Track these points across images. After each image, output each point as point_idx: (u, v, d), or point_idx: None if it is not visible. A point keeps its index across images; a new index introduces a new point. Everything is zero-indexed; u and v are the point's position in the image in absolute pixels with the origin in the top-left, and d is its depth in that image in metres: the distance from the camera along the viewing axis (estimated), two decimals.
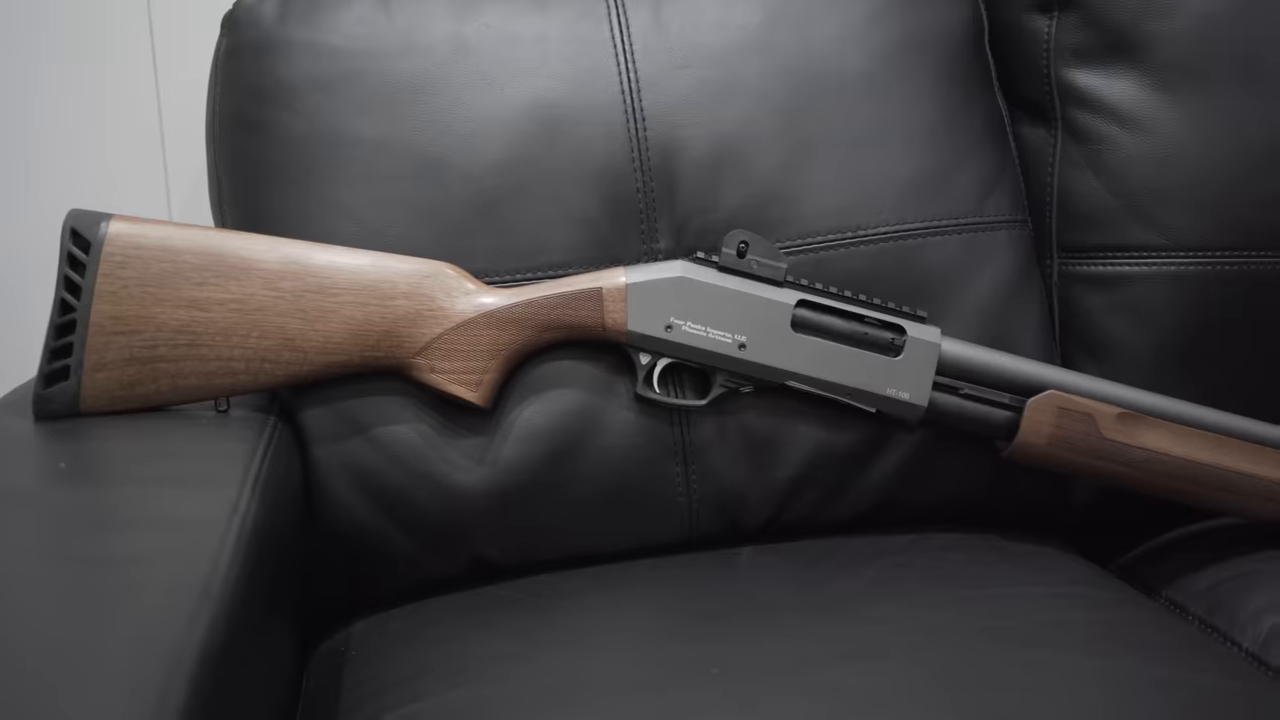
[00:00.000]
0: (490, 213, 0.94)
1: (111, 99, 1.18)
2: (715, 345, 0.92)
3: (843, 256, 0.97)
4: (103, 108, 1.18)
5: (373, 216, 0.93)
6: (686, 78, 0.98)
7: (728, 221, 0.96)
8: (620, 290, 0.91)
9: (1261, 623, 0.89)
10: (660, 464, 0.95)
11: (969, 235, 1.00)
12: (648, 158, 0.96)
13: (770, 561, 0.94)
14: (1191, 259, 1.02)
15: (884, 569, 0.91)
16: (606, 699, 0.74)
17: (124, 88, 1.18)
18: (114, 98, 1.18)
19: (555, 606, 0.90)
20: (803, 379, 0.93)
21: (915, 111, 1.01)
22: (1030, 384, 0.94)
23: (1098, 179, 1.03)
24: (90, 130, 1.18)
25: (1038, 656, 0.76)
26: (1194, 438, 0.95)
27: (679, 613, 0.87)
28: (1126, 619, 0.85)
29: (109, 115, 1.18)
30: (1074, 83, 1.04)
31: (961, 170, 1.01)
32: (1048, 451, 0.94)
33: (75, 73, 1.17)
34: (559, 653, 0.81)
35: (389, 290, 0.89)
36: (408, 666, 0.83)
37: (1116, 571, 1.06)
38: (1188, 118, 1.01)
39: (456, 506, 0.92)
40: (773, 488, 0.97)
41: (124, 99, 1.18)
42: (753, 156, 0.97)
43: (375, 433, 0.92)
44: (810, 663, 0.75)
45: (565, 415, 0.94)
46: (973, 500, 1.01)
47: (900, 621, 0.81)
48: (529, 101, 0.96)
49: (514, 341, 0.91)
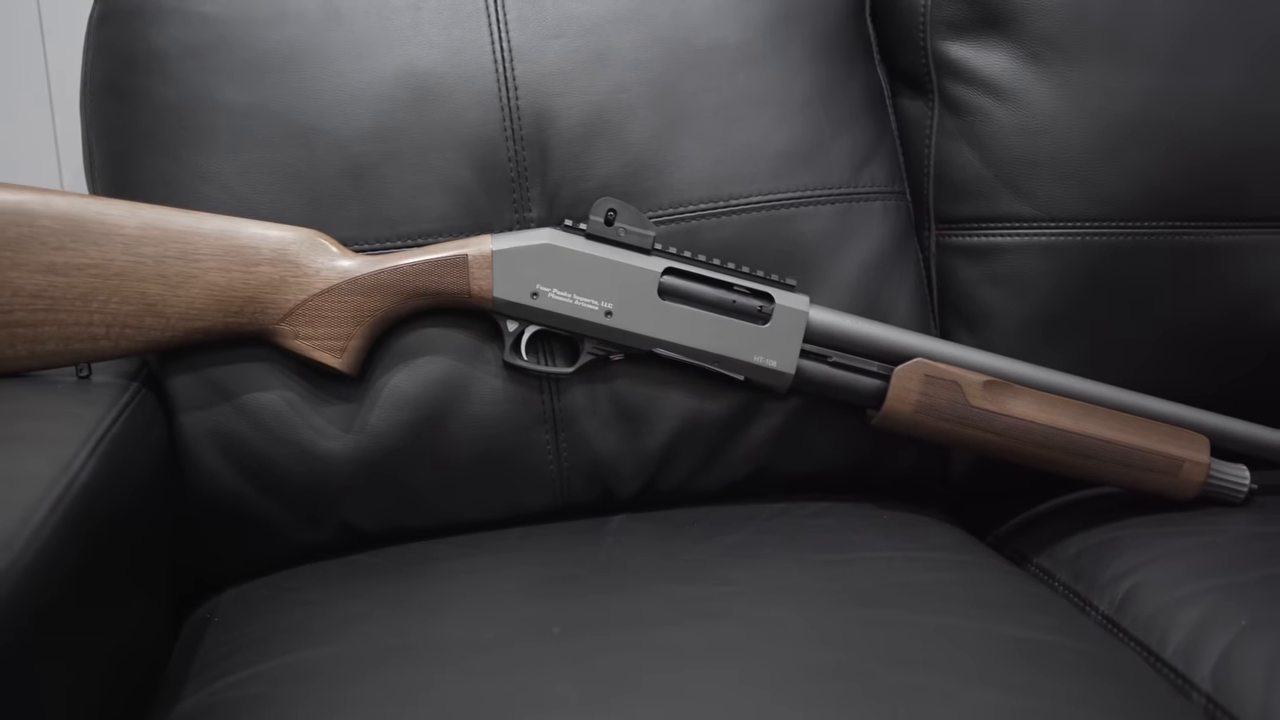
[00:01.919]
0: (360, 180, 0.94)
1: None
2: (581, 312, 0.92)
3: (714, 225, 0.98)
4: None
5: (241, 184, 0.93)
6: (560, 47, 0.98)
7: (600, 190, 0.96)
8: (486, 257, 0.91)
9: (1119, 587, 0.91)
10: (530, 432, 0.95)
11: (843, 205, 1.00)
12: (519, 127, 0.96)
13: (639, 529, 0.94)
14: (1060, 229, 1.03)
15: (749, 535, 0.92)
16: (448, 656, 0.74)
17: (12, 55, 1.17)
18: (2, 65, 1.17)
19: (422, 573, 0.90)
20: (669, 346, 0.93)
21: (791, 82, 1.01)
22: (898, 352, 0.95)
23: (972, 150, 1.04)
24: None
25: (877, 614, 0.76)
26: (1060, 406, 0.96)
27: (539, 578, 0.87)
28: (980, 581, 0.86)
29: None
30: (949, 55, 1.05)
31: (837, 141, 1.02)
32: (915, 419, 0.95)
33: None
34: (412, 615, 0.81)
35: (253, 256, 0.89)
36: (263, 629, 0.83)
37: (993, 541, 1.07)
38: (1058, 90, 1.02)
39: (323, 474, 0.92)
40: (644, 456, 0.97)
41: (12, 66, 1.17)
42: (625, 126, 0.98)
43: (242, 400, 0.92)
44: (651, 621, 0.76)
45: (433, 383, 0.94)
46: (848, 471, 1.02)
47: (750, 583, 0.81)
48: (400, 70, 0.96)
49: (379, 308, 0.91)
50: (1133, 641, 0.86)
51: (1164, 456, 0.96)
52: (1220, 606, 0.83)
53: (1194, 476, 0.97)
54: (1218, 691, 0.78)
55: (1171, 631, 0.84)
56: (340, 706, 0.71)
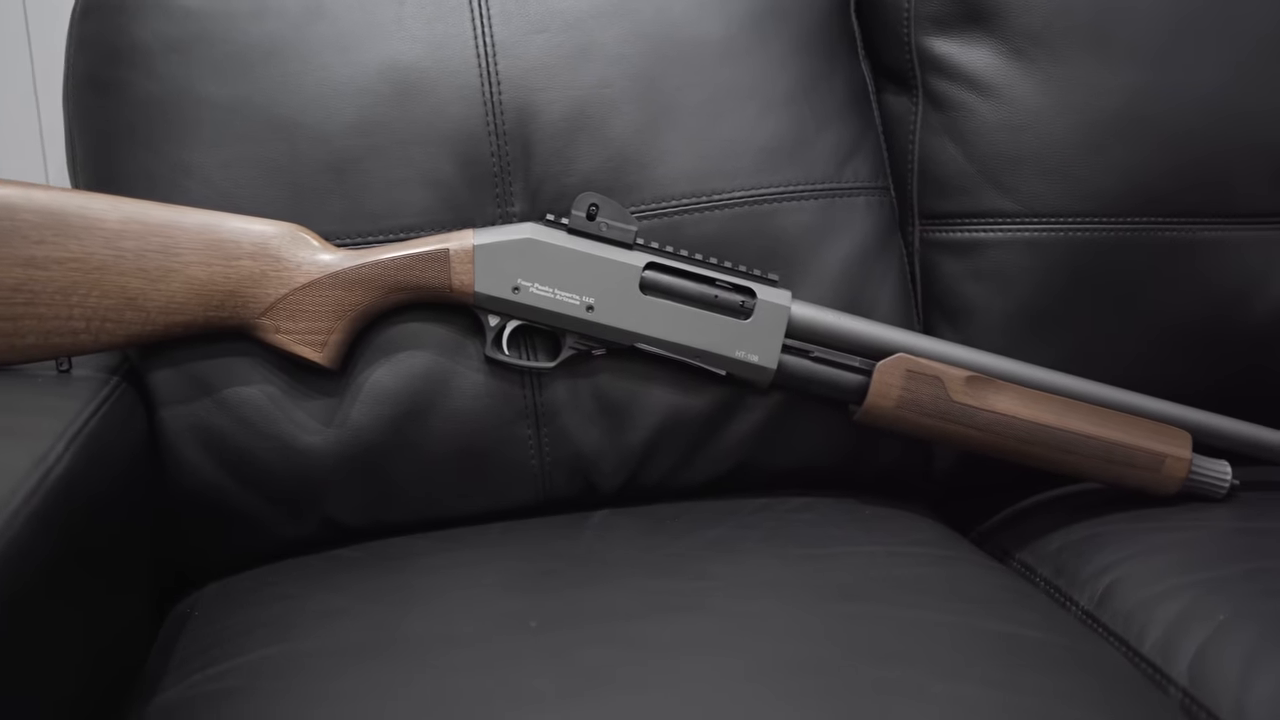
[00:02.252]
0: (342, 175, 0.94)
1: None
2: (563, 307, 0.92)
3: (697, 221, 0.97)
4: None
5: (223, 178, 0.93)
6: (543, 42, 0.98)
7: (582, 185, 0.96)
8: (468, 251, 0.91)
9: (1099, 582, 0.90)
10: (511, 426, 0.95)
11: (825, 200, 1.00)
12: (502, 121, 0.96)
13: (621, 524, 0.94)
14: (1044, 225, 1.03)
15: (730, 530, 0.92)
16: (426, 651, 0.74)
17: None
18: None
19: (403, 567, 0.90)
20: (651, 341, 0.93)
21: (775, 77, 1.01)
22: (880, 347, 0.95)
23: (956, 146, 1.04)
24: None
25: (854, 609, 0.76)
26: (1042, 401, 0.96)
27: (518, 572, 0.87)
28: (961, 576, 0.86)
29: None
30: (933, 51, 1.05)
31: (820, 136, 1.02)
32: (896, 414, 0.95)
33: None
34: (391, 609, 0.81)
35: (233, 250, 0.89)
36: (243, 623, 0.83)
37: (976, 537, 1.07)
38: (1041, 86, 1.02)
39: (304, 468, 0.92)
40: (626, 451, 0.97)
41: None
42: (608, 121, 0.97)
43: (223, 394, 0.92)
44: (626, 615, 0.76)
45: (414, 377, 0.94)
46: (831, 466, 1.02)
47: (728, 578, 0.81)
48: (383, 64, 0.95)
49: (360, 302, 0.91)
50: (1112, 636, 0.86)
51: (1146, 452, 0.96)
52: (1199, 601, 0.83)
53: (1176, 472, 0.97)
54: (1194, 686, 0.78)
55: (1150, 626, 0.84)
56: (319, 700, 0.71)
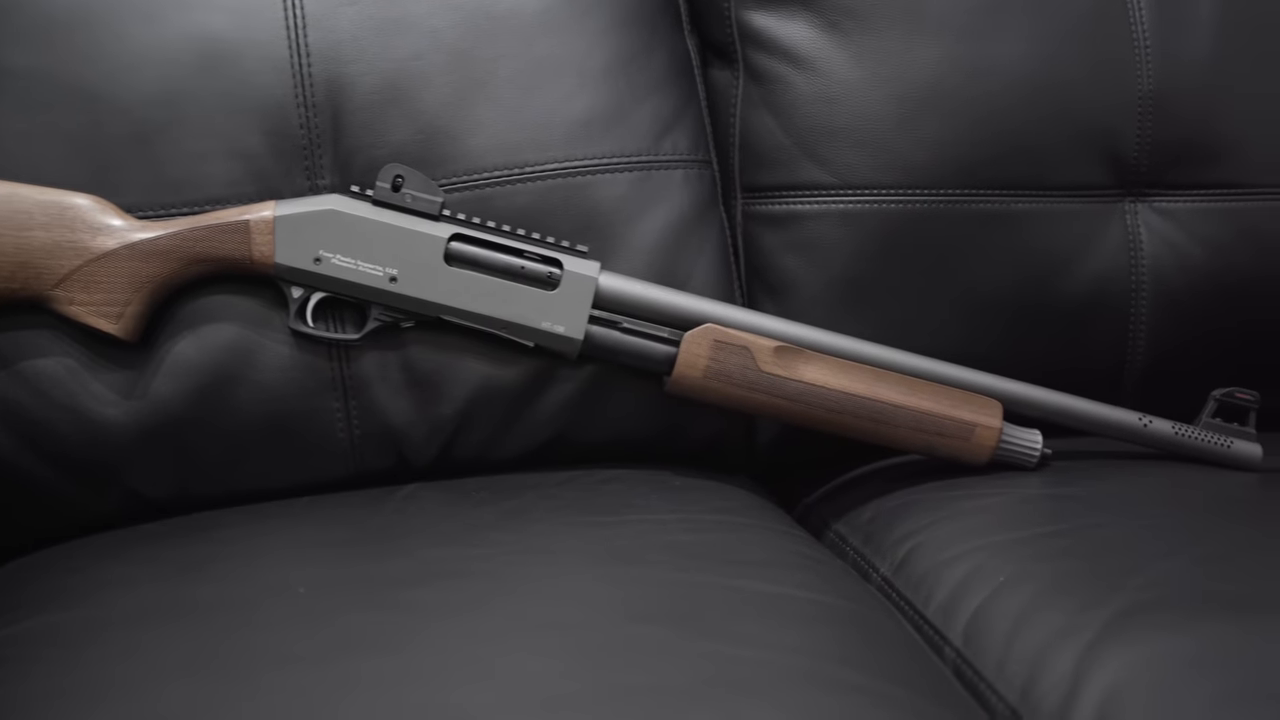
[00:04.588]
0: (145, 146, 0.93)
1: None
2: (366, 278, 0.92)
3: (509, 193, 0.97)
4: None
5: (22, 150, 0.92)
6: (354, 14, 0.97)
7: (392, 157, 0.96)
8: (268, 223, 0.91)
9: (900, 549, 0.91)
10: (318, 399, 0.95)
11: (641, 173, 1.01)
12: (312, 94, 0.96)
13: (426, 496, 0.94)
14: (858, 197, 1.03)
15: (530, 500, 0.91)
16: (197, 616, 0.74)
17: None
18: None
19: (203, 539, 0.89)
20: (455, 313, 0.93)
21: (591, 50, 1.01)
22: (688, 318, 0.95)
23: (774, 119, 1.04)
24: None
25: (622, 572, 0.76)
26: (852, 371, 0.97)
27: (311, 541, 0.86)
28: (749, 541, 0.86)
29: None
30: (753, 24, 1.05)
31: (637, 109, 1.02)
32: (704, 384, 0.95)
33: None
34: (174, 578, 0.81)
35: (24, 221, 0.88)
36: (33, 595, 0.82)
37: (802, 510, 1.08)
38: (855, 59, 1.03)
39: (103, 441, 0.91)
40: (438, 423, 0.97)
41: None
42: (420, 93, 0.97)
43: (19, 366, 0.91)
44: (399, 582, 0.76)
45: (219, 349, 0.93)
46: (648, 439, 1.02)
47: (508, 545, 0.81)
48: (190, 34, 0.94)
49: (158, 274, 0.90)
50: (903, 601, 0.86)
51: (956, 421, 0.97)
52: (984, 564, 0.84)
53: (986, 440, 0.98)
54: (966, 646, 0.78)
55: (937, 590, 0.84)
56: (73, 667, 0.71)
